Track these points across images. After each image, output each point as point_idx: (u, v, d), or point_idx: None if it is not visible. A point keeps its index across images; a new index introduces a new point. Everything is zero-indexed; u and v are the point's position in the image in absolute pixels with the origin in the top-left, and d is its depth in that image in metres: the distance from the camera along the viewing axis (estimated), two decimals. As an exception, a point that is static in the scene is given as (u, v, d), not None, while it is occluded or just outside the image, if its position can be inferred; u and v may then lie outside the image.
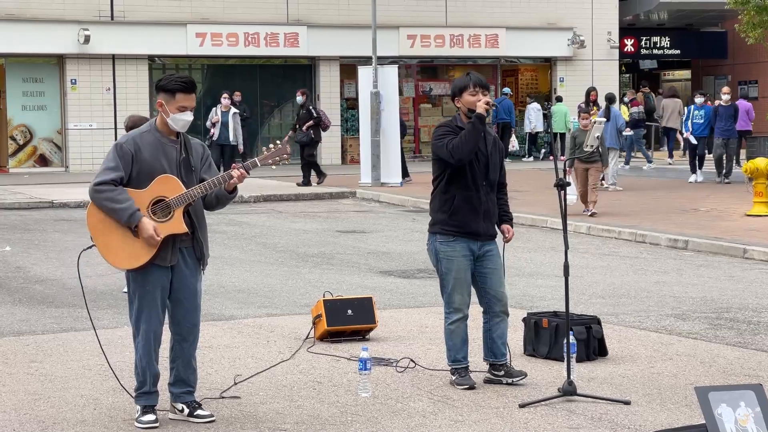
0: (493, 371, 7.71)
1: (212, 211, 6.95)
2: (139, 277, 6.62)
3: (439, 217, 7.60)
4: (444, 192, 7.57)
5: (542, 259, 14.20)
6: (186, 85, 6.64)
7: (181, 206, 6.57)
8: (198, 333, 6.83)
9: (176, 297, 6.70)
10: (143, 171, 6.56)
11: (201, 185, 6.62)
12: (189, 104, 6.64)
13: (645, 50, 38.16)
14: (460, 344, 7.58)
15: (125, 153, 6.55)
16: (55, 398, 7.31)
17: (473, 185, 7.51)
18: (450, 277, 7.53)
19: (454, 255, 7.52)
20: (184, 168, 6.66)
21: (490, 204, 7.59)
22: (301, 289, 11.94)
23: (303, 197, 22.37)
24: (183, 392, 6.79)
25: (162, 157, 6.60)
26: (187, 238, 6.66)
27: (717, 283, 12.49)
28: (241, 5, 29.84)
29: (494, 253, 7.64)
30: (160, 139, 6.64)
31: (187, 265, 6.69)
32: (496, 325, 7.65)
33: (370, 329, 9.20)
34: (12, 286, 12.06)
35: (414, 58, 32.40)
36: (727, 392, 5.80)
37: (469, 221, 7.50)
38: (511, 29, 32.37)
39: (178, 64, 30.35)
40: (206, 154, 6.83)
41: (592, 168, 17.83)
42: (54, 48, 28.03)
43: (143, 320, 6.64)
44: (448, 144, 7.42)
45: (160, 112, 6.67)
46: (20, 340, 9.25)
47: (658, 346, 8.97)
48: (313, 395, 7.39)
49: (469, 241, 7.52)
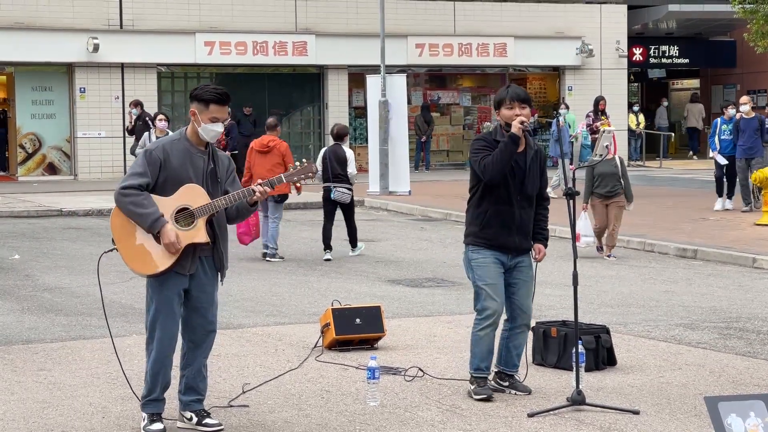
0: (498, 380, 7.68)
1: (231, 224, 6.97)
2: (156, 282, 6.63)
3: (471, 230, 7.58)
4: (477, 205, 7.53)
5: (551, 268, 14.17)
6: (220, 97, 6.67)
7: (204, 216, 6.60)
8: (212, 341, 6.84)
9: (194, 305, 6.71)
10: (170, 179, 6.59)
11: (225, 197, 6.66)
12: (221, 116, 6.68)
13: (654, 59, 38.15)
14: (486, 353, 7.51)
15: (154, 160, 6.58)
16: (63, 406, 7.32)
17: (507, 200, 7.46)
18: (483, 282, 7.48)
19: (485, 262, 7.48)
20: (210, 179, 6.70)
21: (524, 218, 7.52)
22: (309, 297, 11.94)
23: (311, 206, 22.37)
24: (192, 400, 6.79)
25: (190, 167, 6.64)
26: (208, 247, 6.70)
27: (726, 292, 12.46)
28: (250, 14, 29.88)
29: (526, 264, 7.57)
30: (189, 148, 6.67)
31: (206, 274, 6.73)
32: (516, 335, 7.62)
33: (378, 338, 9.19)
34: (21, 295, 12.08)
35: (422, 67, 32.42)
36: (736, 402, 5.78)
37: (501, 235, 7.46)
38: (519, 38, 32.38)
39: (186, 72, 30.42)
40: (231, 167, 6.89)
41: (612, 204, 14.82)
42: (63, 56, 28.10)
43: (159, 326, 6.65)
44: (481, 161, 7.39)
45: (192, 121, 6.70)
46: (29, 348, 9.26)
47: (667, 356, 8.95)
48: (321, 404, 7.38)
49: (499, 253, 7.49)
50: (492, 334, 7.51)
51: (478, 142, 7.56)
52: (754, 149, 19.47)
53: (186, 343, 6.79)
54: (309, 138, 31.85)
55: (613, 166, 14.83)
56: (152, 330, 6.67)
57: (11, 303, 11.52)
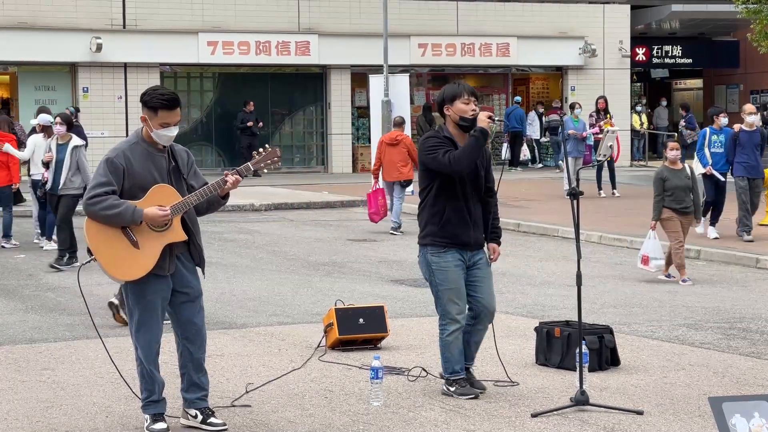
0: None
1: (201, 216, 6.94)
2: (138, 288, 6.61)
3: (429, 230, 7.54)
4: (433, 204, 7.51)
5: (554, 269, 14.17)
6: (168, 103, 6.55)
7: (178, 214, 6.58)
8: (204, 335, 6.82)
9: (179, 300, 6.70)
10: (136, 183, 6.55)
11: (197, 192, 6.62)
12: (171, 120, 6.58)
13: (657, 59, 38.13)
14: (458, 355, 7.55)
15: (116, 168, 6.54)
16: (67, 406, 7.32)
17: (462, 196, 7.46)
18: (445, 288, 7.50)
19: (447, 266, 7.48)
20: (174, 176, 6.67)
21: (478, 213, 7.55)
22: (312, 297, 11.94)
23: (314, 206, 22.38)
24: (197, 398, 6.78)
25: (153, 168, 6.60)
26: (183, 244, 6.67)
27: (730, 293, 12.45)
28: (253, 14, 29.88)
29: (484, 261, 7.61)
30: (148, 149, 6.63)
31: (187, 270, 6.70)
32: (478, 331, 7.66)
33: (381, 338, 9.19)
34: (24, 294, 12.08)
35: (425, 67, 32.41)
36: (740, 403, 5.77)
37: (460, 232, 7.46)
38: (522, 38, 32.36)
39: (189, 72, 30.42)
40: (191, 160, 6.84)
41: (685, 221, 13.18)
42: (66, 56, 28.11)
43: (144, 331, 6.64)
44: (444, 155, 7.34)
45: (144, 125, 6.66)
46: (33, 347, 9.26)
47: (670, 356, 8.94)
48: (324, 404, 7.38)
49: (460, 251, 7.50)
50: (460, 336, 7.54)
51: (431, 140, 7.47)
52: (757, 168, 16.27)
53: (180, 340, 6.77)
54: (312, 138, 31.85)
55: (686, 178, 13.09)
56: (138, 336, 6.66)
57: (15, 302, 11.53)
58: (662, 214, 12.99)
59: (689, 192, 13.03)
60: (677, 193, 12.96)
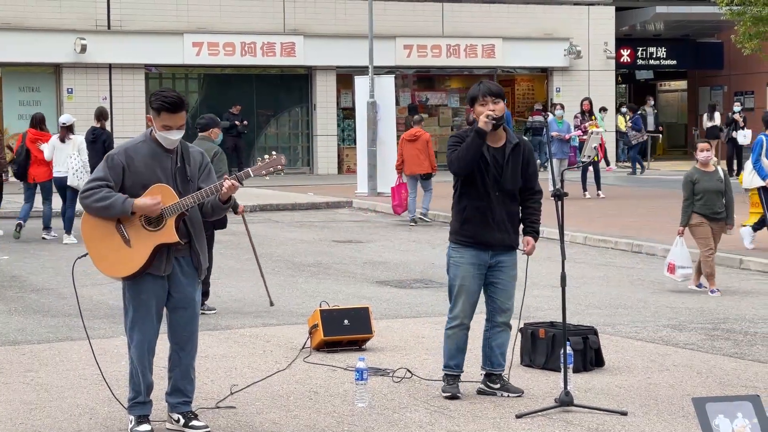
0: (488, 382, 7.68)
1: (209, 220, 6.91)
2: (133, 286, 6.59)
3: (453, 227, 7.61)
4: (458, 202, 7.55)
5: (539, 269, 14.17)
6: (170, 105, 6.53)
7: (173, 215, 6.54)
8: (196, 342, 6.80)
9: (174, 306, 6.68)
10: (138, 182, 6.53)
11: (193, 195, 6.57)
12: (173, 123, 6.55)
13: (641, 60, 38.24)
14: (455, 351, 7.55)
15: (115, 164, 6.54)
16: (50, 408, 7.29)
17: (484, 195, 7.44)
18: (455, 283, 7.51)
19: (461, 262, 7.49)
20: (180, 178, 6.63)
21: (505, 214, 7.49)
22: (297, 298, 11.93)
23: (299, 207, 22.37)
24: (179, 402, 6.76)
25: (157, 168, 6.58)
26: (183, 247, 6.63)
27: (713, 294, 12.47)
28: (238, 15, 29.86)
29: (507, 264, 7.55)
30: (155, 149, 6.61)
31: (184, 274, 6.66)
32: (496, 334, 7.63)
33: (366, 339, 9.19)
34: (8, 296, 12.04)
35: (410, 68, 32.45)
36: (724, 403, 5.79)
37: (480, 231, 7.44)
38: (507, 39, 32.41)
39: (174, 73, 30.37)
40: (205, 162, 6.78)
41: (716, 227, 12.42)
42: (50, 57, 28.04)
43: (137, 330, 6.62)
44: (452, 155, 7.43)
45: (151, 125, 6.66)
46: (16, 349, 9.23)
47: (654, 357, 8.96)
48: (309, 405, 7.37)
49: (479, 251, 7.48)
50: (461, 333, 7.53)
51: (453, 139, 7.60)
52: None
53: (171, 344, 6.76)
54: (297, 139, 31.84)
55: (718, 181, 12.28)
56: (131, 334, 6.64)
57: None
58: (691, 219, 12.25)
59: (721, 196, 12.25)
60: (708, 197, 12.16)
